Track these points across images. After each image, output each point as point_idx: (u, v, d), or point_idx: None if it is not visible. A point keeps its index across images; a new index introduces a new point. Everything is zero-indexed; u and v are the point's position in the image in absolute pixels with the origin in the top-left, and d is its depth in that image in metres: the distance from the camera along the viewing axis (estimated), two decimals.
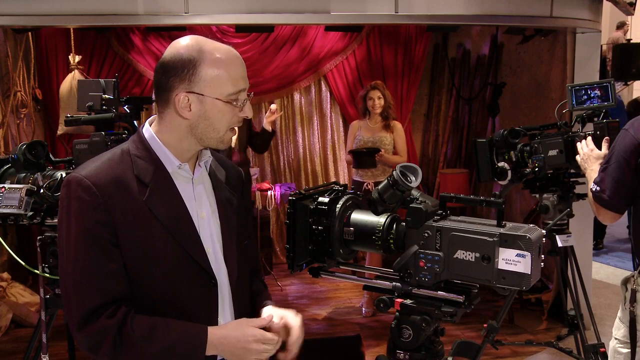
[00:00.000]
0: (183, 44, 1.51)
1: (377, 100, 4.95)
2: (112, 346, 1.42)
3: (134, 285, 1.48)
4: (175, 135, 1.54)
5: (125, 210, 1.46)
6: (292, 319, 1.62)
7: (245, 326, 1.47)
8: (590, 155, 2.84)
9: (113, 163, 1.50)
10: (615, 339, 2.60)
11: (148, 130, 1.57)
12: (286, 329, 1.61)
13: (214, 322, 1.56)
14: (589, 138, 2.92)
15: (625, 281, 2.55)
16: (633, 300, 2.48)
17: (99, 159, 1.53)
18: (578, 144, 2.95)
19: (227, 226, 1.63)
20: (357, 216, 1.66)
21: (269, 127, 4.70)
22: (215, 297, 1.57)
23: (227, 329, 1.48)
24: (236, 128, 1.59)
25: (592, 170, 2.74)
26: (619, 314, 2.60)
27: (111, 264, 1.45)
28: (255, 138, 4.81)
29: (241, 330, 1.46)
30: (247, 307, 1.71)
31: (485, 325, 3.34)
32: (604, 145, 2.84)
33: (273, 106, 4.69)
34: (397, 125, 5.06)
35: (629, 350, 2.54)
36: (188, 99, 1.49)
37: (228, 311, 1.62)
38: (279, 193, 6.11)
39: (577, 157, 2.93)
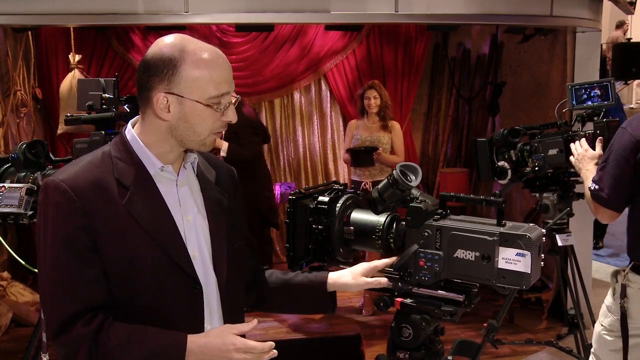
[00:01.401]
0: (166, 42, 1.45)
1: (373, 100, 4.94)
2: (88, 355, 1.38)
3: (116, 291, 1.43)
4: (156, 136, 1.49)
5: (105, 214, 1.42)
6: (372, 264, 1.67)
7: (227, 334, 1.42)
8: (585, 155, 2.85)
9: (92, 166, 1.46)
10: (602, 325, 2.63)
11: (130, 131, 1.52)
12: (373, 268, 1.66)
13: (201, 329, 1.52)
14: (583, 139, 2.93)
15: (616, 273, 2.58)
16: (623, 295, 2.50)
17: (79, 162, 1.49)
18: (572, 144, 2.96)
19: (216, 229, 1.58)
20: (357, 215, 1.66)
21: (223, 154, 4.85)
22: (200, 302, 1.52)
23: (208, 336, 1.43)
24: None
25: (588, 170, 2.75)
26: (606, 301, 2.62)
27: (89, 271, 1.40)
28: None
29: (222, 338, 1.41)
30: (240, 312, 1.67)
31: (485, 324, 3.34)
32: (598, 145, 2.84)
33: None
34: (395, 126, 5.05)
35: (614, 339, 2.56)
36: (167, 100, 1.44)
37: (216, 317, 1.57)
38: (279, 192, 6.11)
39: (571, 158, 2.94)
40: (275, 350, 1.44)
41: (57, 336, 1.40)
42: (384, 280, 1.60)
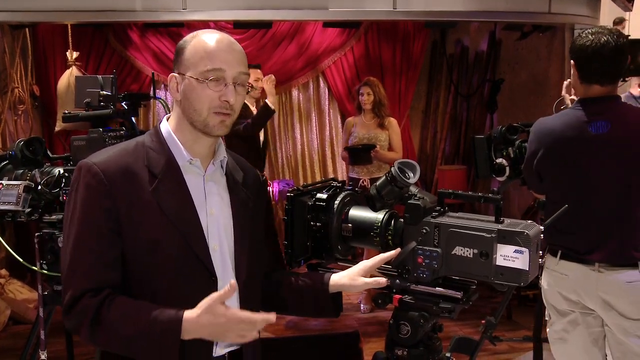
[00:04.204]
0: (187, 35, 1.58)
1: (367, 97, 4.94)
2: (90, 326, 1.43)
3: (135, 273, 1.49)
4: (178, 122, 1.57)
5: (132, 199, 1.48)
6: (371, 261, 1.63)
7: (215, 306, 1.41)
8: None
9: (125, 153, 1.53)
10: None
11: (165, 125, 1.60)
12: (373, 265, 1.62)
13: None
14: None
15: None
16: (540, 274, 2.65)
17: (113, 148, 1.57)
18: None
19: (240, 226, 1.61)
20: (355, 212, 1.66)
21: (271, 105, 4.45)
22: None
23: (199, 313, 1.42)
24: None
25: None
26: None
27: (109, 253, 1.47)
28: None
29: (212, 312, 1.41)
30: (256, 309, 1.65)
31: (483, 321, 3.34)
32: None
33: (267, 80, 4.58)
34: (393, 122, 5.05)
35: (550, 327, 2.70)
36: (176, 80, 1.54)
37: None
38: (277, 189, 6.10)
39: None
40: (272, 317, 1.43)
41: (68, 310, 1.47)
42: (382, 280, 1.60)
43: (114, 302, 1.45)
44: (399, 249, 1.58)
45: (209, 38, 1.53)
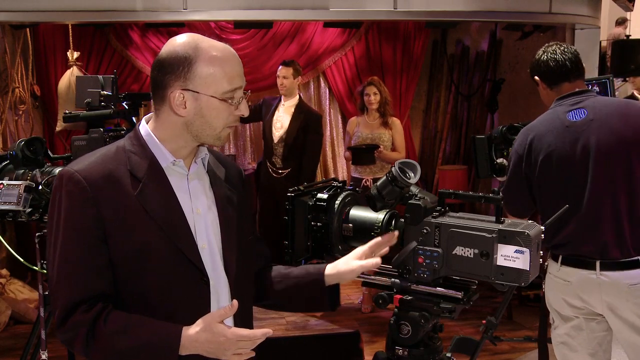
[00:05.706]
0: (179, 41, 1.50)
1: (373, 96, 4.94)
2: (85, 340, 1.42)
3: (126, 281, 1.47)
4: (171, 132, 1.53)
5: (116, 204, 1.46)
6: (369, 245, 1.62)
7: (214, 325, 1.42)
8: None
9: (107, 158, 1.51)
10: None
11: (144, 127, 1.57)
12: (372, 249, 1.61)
13: None
14: None
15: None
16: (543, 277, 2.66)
17: (94, 154, 1.54)
18: None
19: (226, 223, 1.61)
20: (356, 212, 1.66)
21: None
22: (207, 295, 1.54)
23: (196, 330, 1.42)
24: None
25: None
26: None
27: (96, 261, 1.45)
28: None
29: (210, 330, 1.41)
30: (249, 306, 1.69)
31: (483, 321, 3.34)
32: None
33: None
34: (396, 122, 5.05)
35: (554, 330, 2.68)
36: (183, 97, 1.48)
37: None
38: None
39: None
40: (270, 331, 1.44)
41: (61, 323, 1.45)
42: (377, 260, 1.59)
43: (110, 316, 1.43)
44: (395, 232, 1.58)
45: (218, 51, 1.49)
